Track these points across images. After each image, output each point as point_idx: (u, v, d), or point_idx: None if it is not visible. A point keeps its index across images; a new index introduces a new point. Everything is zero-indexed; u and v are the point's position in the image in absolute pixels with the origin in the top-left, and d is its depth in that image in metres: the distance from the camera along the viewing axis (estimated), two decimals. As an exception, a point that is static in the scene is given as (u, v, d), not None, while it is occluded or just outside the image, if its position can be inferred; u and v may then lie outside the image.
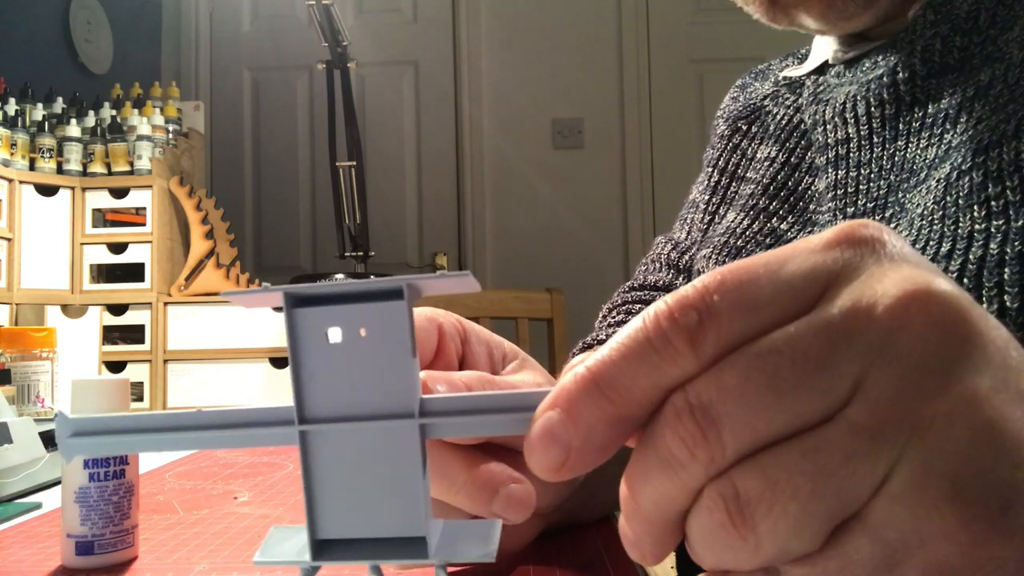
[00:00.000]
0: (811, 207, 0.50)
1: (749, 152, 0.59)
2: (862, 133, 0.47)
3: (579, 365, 0.20)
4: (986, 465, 0.17)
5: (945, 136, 0.42)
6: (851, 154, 0.47)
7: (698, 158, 0.67)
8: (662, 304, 0.19)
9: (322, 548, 0.22)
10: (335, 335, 0.21)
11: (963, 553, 0.17)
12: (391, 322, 0.20)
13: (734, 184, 0.60)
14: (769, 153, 0.56)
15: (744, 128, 0.60)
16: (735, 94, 0.66)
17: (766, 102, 0.60)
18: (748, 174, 0.58)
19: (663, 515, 0.19)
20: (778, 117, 0.57)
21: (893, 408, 0.17)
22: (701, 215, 0.62)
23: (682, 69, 2.58)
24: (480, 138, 2.58)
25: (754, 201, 0.54)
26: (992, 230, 0.36)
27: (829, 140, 0.49)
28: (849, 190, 0.46)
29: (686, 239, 0.66)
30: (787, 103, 0.57)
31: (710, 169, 0.62)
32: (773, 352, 0.18)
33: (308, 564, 0.22)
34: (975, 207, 0.37)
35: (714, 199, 0.61)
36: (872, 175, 0.46)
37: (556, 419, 0.19)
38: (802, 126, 0.54)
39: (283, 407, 0.21)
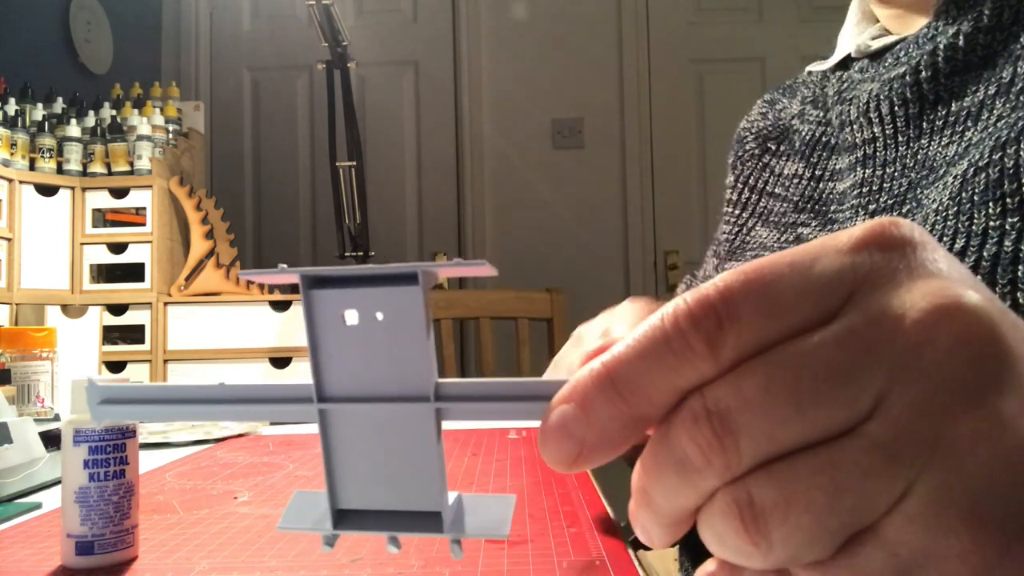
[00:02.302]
0: (832, 208, 0.51)
1: (776, 169, 0.61)
2: (887, 132, 0.47)
3: (595, 359, 0.20)
4: (1006, 490, 0.17)
5: (966, 133, 0.42)
6: (878, 153, 0.48)
7: (699, 158, 0.67)
8: (681, 303, 0.19)
9: (342, 517, 0.23)
10: (352, 317, 0.21)
11: (975, 574, 0.17)
12: (407, 306, 0.21)
13: (763, 200, 0.61)
14: (796, 170, 0.57)
15: (773, 148, 0.62)
16: (764, 110, 0.67)
17: (794, 121, 0.61)
18: (776, 190, 0.59)
19: (674, 510, 0.19)
20: (803, 134, 0.58)
21: (915, 426, 0.17)
22: (730, 227, 0.63)
23: (682, 69, 2.58)
24: (480, 138, 2.58)
25: (787, 219, 0.55)
26: (1007, 227, 0.36)
27: (856, 140, 0.49)
28: (874, 188, 0.47)
29: (714, 271, 0.67)
30: (811, 119, 0.58)
31: (740, 185, 0.64)
32: (795, 362, 0.18)
33: (329, 532, 0.22)
34: (990, 203, 0.37)
35: (744, 213, 0.62)
36: (896, 173, 0.46)
37: (570, 414, 0.19)
38: (824, 138, 0.55)
39: (303, 384, 0.22)
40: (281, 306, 1.50)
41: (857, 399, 0.17)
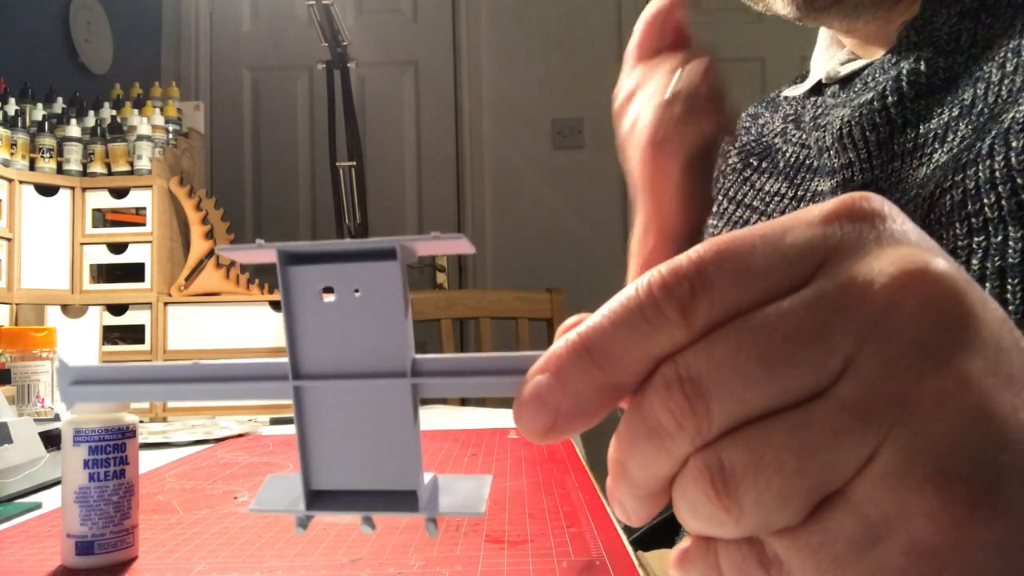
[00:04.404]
0: None
1: (757, 184, 0.62)
2: (862, 156, 0.48)
3: (571, 331, 0.20)
4: (972, 448, 0.17)
5: (934, 155, 0.43)
6: (855, 177, 0.49)
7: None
8: (655, 273, 0.19)
9: (316, 498, 0.22)
10: (329, 294, 0.21)
11: (944, 534, 0.17)
12: (384, 282, 0.21)
13: (741, 211, 0.62)
14: (779, 189, 0.58)
15: (755, 163, 0.63)
16: (747, 124, 0.68)
17: (776, 140, 0.62)
18: (755, 203, 0.61)
19: (649, 480, 0.19)
20: (787, 154, 0.59)
21: (883, 387, 0.17)
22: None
23: (682, 69, 2.57)
24: (480, 138, 2.57)
25: None
26: (974, 246, 0.38)
27: (835, 165, 0.50)
28: None
29: None
30: (794, 139, 0.59)
31: (720, 198, 0.65)
32: (765, 326, 0.18)
33: (302, 513, 0.22)
34: (956, 224, 0.38)
35: (720, 223, 0.63)
36: None
37: (545, 383, 0.20)
38: (807, 160, 0.56)
39: (279, 362, 0.22)
40: (281, 306, 1.50)
41: (826, 361, 0.18)
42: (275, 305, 1.53)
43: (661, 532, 0.79)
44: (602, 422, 0.21)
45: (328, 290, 0.21)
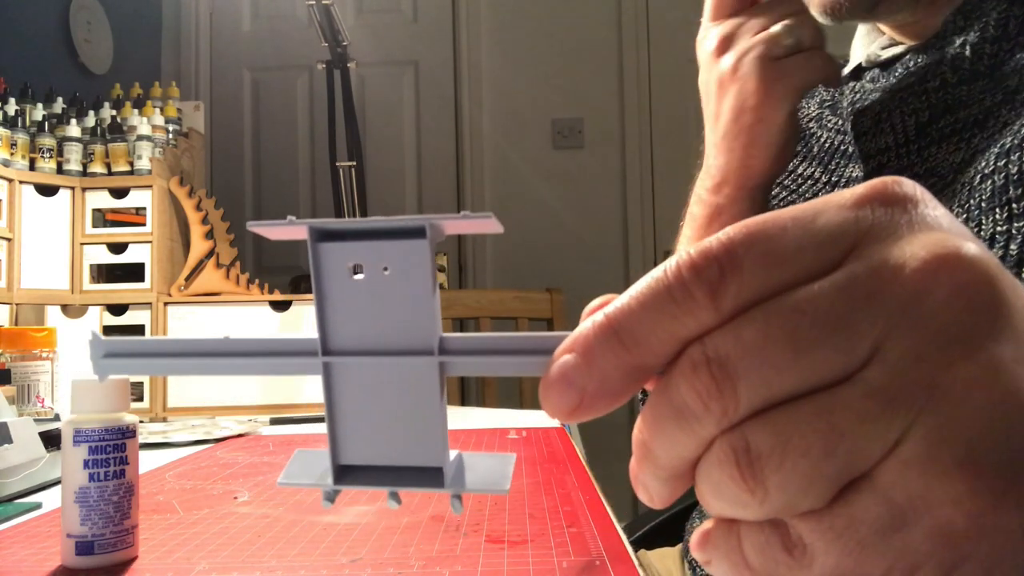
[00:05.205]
0: None
1: (790, 166, 0.62)
2: (899, 141, 0.48)
3: (598, 312, 0.20)
4: (1000, 435, 0.17)
5: (972, 140, 0.43)
6: (891, 162, 0.49)
7: (698, 158, 0.67)
8: (684, 254, 0.19)
9: (343, 473, 0.22)
10: (358, 271, 0.21)
11: (970, 520, 0.17)
12: (413, 260, 0.21)
13: (774, 189, 0.62)
14: (813, 173, 0.58)
15: None
16: None
17: (811, 124, 0.62)
18: (787, 182, 0.61)
19: (673, 462, 0.19)
20: (822, 140, 0.59)
21: (911, 373, 0.17)
22: None
23: (682, 69, 2.57)
24: (480, 138, 2.57)
25: None
26: (1013, 231, 0.37)
27: (871, 150, 0.50)
28: None
29: None
30: (829, 125, 0.59)
31: None
32: (794, 309, 0.18)
33: (330, 487, 0.22)
34: (997, 209, 0.38)
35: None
36: None
37: (572, 363, 0.20)
38: (842, 146, 0.56)
39: (308, 339, 0.22)
40: (281, 306, 1.50)
41: (855, 346, 0.18)
42: (275, 305, 1.53)
43: (665, 530, 0.79)
44: (600, 422, 0.21)
45: (358, 268, 0.21)
